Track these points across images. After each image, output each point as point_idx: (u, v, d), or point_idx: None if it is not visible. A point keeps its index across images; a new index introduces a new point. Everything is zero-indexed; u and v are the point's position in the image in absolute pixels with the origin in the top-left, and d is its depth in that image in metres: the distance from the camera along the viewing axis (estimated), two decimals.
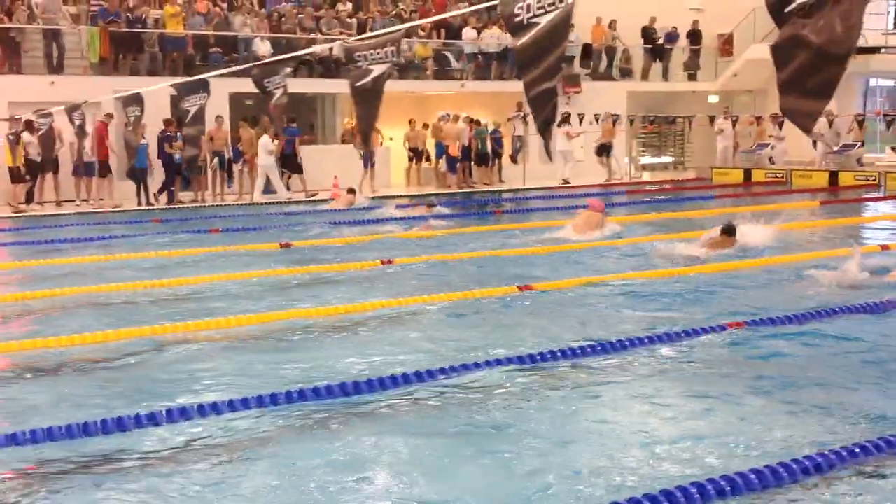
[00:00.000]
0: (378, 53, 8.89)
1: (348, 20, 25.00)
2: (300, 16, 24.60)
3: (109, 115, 19.12)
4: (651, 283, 9.63)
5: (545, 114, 5.17)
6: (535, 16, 5.81)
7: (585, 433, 5.31)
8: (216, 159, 20.32)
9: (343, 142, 24.09)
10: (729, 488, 4.16)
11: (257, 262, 11.36)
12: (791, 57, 2.73)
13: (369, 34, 13.14)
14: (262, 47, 22.91)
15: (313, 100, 25.07)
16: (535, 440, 5.17)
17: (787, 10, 2.93)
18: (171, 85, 14.63)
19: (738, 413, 5.53)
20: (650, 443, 5.09)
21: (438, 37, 25.99)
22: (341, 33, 24.45)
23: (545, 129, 5.47)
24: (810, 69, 2.75)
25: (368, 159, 22.02)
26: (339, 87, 23.94)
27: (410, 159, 23.99)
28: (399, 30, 10.59)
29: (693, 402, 5.82)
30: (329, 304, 8.58)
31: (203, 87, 13.48)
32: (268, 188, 21.33)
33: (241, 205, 19.91)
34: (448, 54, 25.75)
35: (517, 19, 5.94)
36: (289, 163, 21.56)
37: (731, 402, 5.74)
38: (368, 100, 8.95)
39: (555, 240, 12.60)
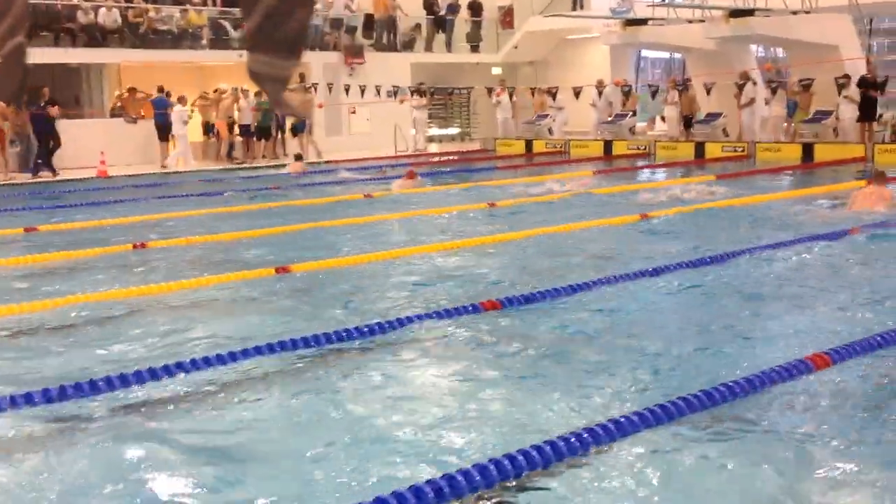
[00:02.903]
0: None
1: None
2: None
3: None
4: (415, 259, 9.43)
5: (16, 82, 3.32)
6: None
7: (334, 423, 4.96)
8: None
9: (112, 115, 22.69)
10: (458, 484, 3.92)
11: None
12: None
13: None
14: None
15: (77, 71, 23.38)
16: (281, 435, 4.81)
17: None
18: None
19: (485, 397, 5.34)
20: (400, 432, 4.81)
21: (214, 4, 24.87)
22: None
23: (18, 100, 4.00)
24: (277, 16, 2.27)
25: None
26: (105, 56, 22.53)
27: (206, 133, 23.07)
28: None
29: (444, 386, 5.59)
30: (62, 295, 7.79)
31: None
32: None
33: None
34: (225, 23, 24.67)
35: None
36: (163, 130, 21.80)
37: (480, 386, 5.55)
38: None
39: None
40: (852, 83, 20.12)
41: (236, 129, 23.12)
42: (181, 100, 21.62)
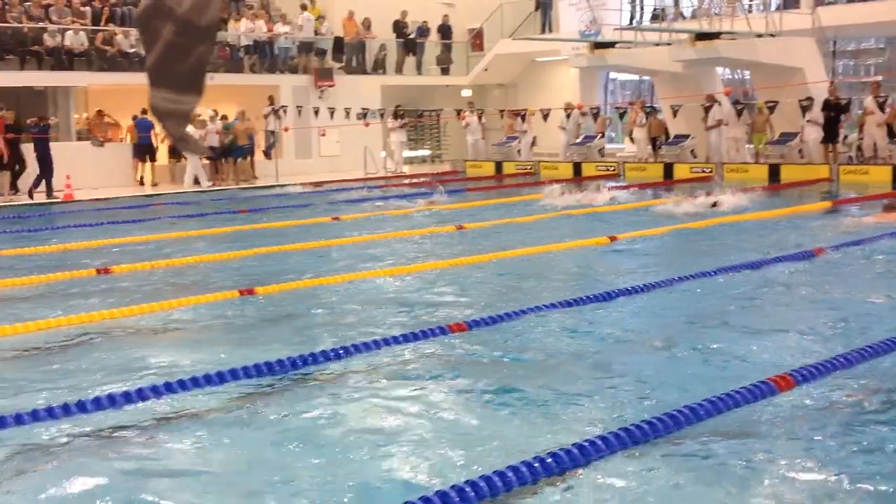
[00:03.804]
0: None
1: (82, 9, 23.33)
2: (27, 3, 22.73)
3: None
4: (382, 282, 9.38)
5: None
6: None
7: (301, 447, 4.89)
8: None
9: (80, 138, 22.52)
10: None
11: None
12: (156, 33, 2.22)
13: None
14: None
15: (44, 94, 23.18)
16: (247, 461, 4.73)
17: None
18: None
19: (450, 421, 5.29)
20: (364, 456, 4.76)
21: None
22: (73, 22, 22.87)
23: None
24: (178, 50, 2.24)
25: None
26: (72, 79, 22.38)
27: (171, 155, 22.92)
28: None
29: (408, 409, 5.52)
30: (22, 321, 7.64)
31: None
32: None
33: None
34: None
35: None
36: (147, 151, 22.44)
37: (446, 409, 5.50)
38: None
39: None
40: (816, 105, 20.37)
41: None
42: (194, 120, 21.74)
